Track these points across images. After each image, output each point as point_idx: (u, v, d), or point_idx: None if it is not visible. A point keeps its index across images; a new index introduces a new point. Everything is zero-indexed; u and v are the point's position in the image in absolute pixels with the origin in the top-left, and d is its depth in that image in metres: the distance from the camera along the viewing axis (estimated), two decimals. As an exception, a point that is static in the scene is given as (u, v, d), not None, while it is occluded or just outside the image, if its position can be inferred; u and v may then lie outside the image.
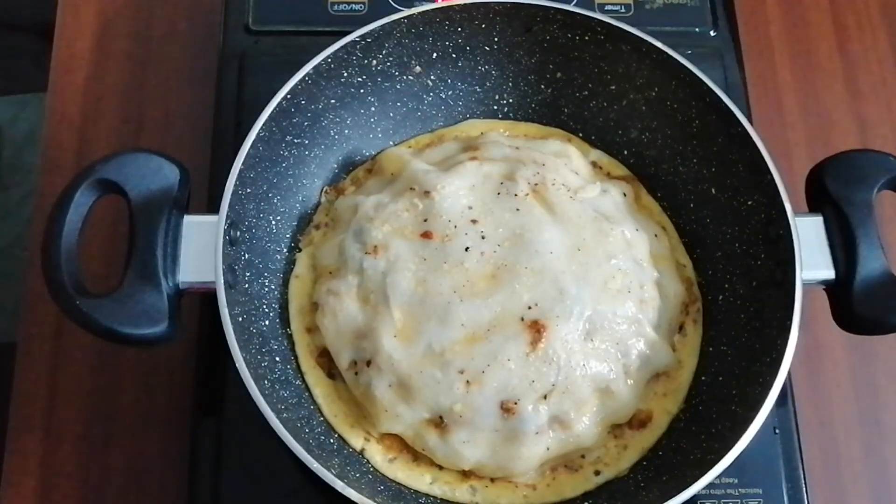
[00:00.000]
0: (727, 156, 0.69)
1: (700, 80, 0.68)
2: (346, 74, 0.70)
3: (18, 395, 0.73)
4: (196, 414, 0.69)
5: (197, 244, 0.61)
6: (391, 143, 0.75)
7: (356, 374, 0.64)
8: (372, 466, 0.64)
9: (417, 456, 0.65)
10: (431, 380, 0.61)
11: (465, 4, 0.71)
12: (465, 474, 0.64)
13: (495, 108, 0.77)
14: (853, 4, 0.92)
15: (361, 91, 0.72)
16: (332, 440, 0.64)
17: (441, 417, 0.62)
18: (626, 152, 0.75)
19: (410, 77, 0.74)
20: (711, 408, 0.65)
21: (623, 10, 0.82)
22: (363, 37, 0.69)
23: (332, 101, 0.71)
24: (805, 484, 0.67)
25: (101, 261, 0.75)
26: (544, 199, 0.67)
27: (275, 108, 0.65)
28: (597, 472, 0.65)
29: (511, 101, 0.76)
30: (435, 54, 0.73)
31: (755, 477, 0.66)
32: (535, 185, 0.67)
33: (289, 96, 0.66)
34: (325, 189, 0.73)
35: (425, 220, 0.66)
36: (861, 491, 0.74)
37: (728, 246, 0.69)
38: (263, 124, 0.64)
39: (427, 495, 0.64)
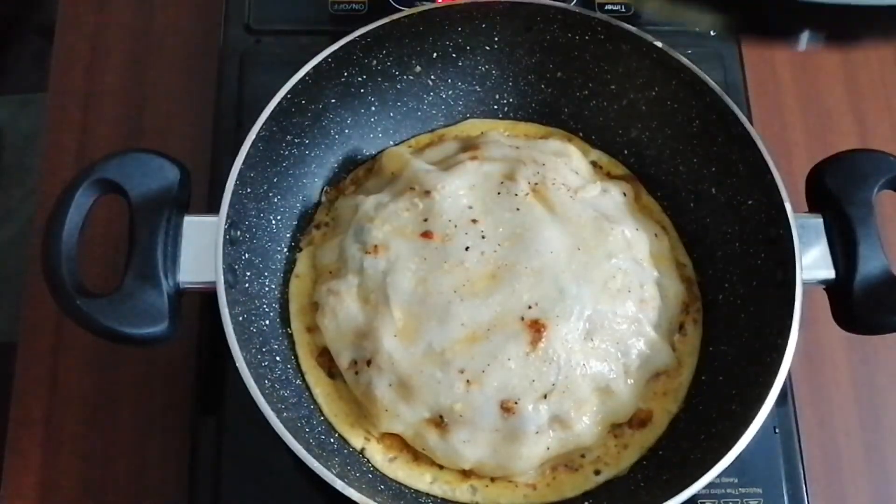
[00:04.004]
0: (727, 156, 0.69)
1: (700, 79, 0.68)
2: (346, 74, 0.70)
3: (18, 394, 0.73)
4: (196, 414, 0.69)
5: (197, 244, 0.61)
6: (391, 142, 0.75)
7: (356, 373, 0.64)
8: (372, 466, 0.64)
9: (418, 455, 0.65)
10: (432, 379, 0.61)
11: (465, 4, 0.71)
12: (466, 474, 0.64)
13: (495, 107, 0.77)
14: (853, 5, 0.92)
15: (362, 91, 0.72)
16: (332, 440, 0.64)
17: (441, 417, 0.62)
18: (626, 152, 0.75)
19: (411, 77, 0.74)
20: (711, 407, 0.65)
21: (623, 10, 0.82)
22: (363, 36, 0.69)
23: (333, 100, 0.71)
24: (805, 483, 0.67)
25: (101, 261, 0.75)
26: (544, 199, 0.67)
27: (275, 108, 0.65)
28: (597, 472, 0.65)
29: (511, 100, 0.76)
30: (435, 54, 0.73)
31: (755, 476, 0.66)
32: (536, 184, 0.67)
33: (289, 96, 0.66)
34: (325, 189, 0.73)
35: (425, 220, 0.66)
36: (861, 491, 0.74)
37: (728, 246, 0.69)
38: (263, 124, 0.64)
39: (427, 495, 0.64)
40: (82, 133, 0.82)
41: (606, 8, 0.82)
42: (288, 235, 0.70)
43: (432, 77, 0.74)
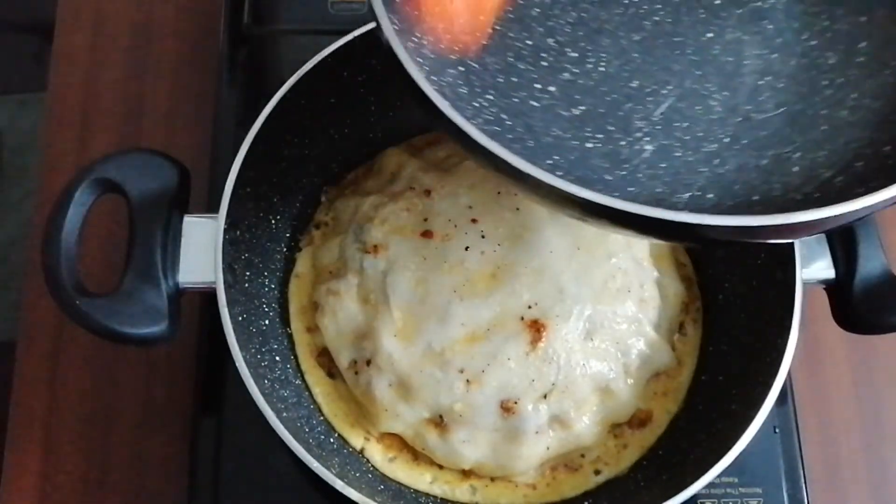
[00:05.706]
0: (727, 155, 0.68)
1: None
2: (346, 74, 0.70)
3: (18, 394, 0.73)
4: (196, 414, 0.69)
5: (197, 244, 0.61)
6: (391, 142, 0.75)
7: (356, 373, 0.64)
8: (372, 466, 0.64)
9: (417, 455, 0.65)
10: (431, 379, 0.61)
11: (464, 4, 0.70)
12: (465, 474, 0.64)
13: (495, 107, 0.76)
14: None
15: (361, 90, 0.72)
16: (332, 440, 0.64)
17: (441, 417, 0.62)
18: (626, 152, 0.75)
19: (410, 76, 0.73)
20: (711, 407, 0.65)
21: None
22: (363, 36, 0.68)
23: (332, 100, 0.71)
24: (805, 483, 0.67)
25: (101, 261, 0.75)
26: (544, 199, 0.67)
27: (275, 108, 0.65)
28: (597, 472, 0.65)
29: (511, 100, 0.76)
30: (435, 54, 0.73)
31: (755, 476, 0.66)
32: (535, 184, 0.67)
33: (289, 96, 0.66)
34: (325, 189, 0.73)
35: (425, 220, 0.66)
36: (861, 491, 0.74)
37: (728, 245, 0.69)
38: (263, 124, 0.64)
39: (427, 495, 0.64)
40: (82, 133, 0.82)
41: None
42: (288, 235, 0.70)
43: (432, 77, 0.74)
